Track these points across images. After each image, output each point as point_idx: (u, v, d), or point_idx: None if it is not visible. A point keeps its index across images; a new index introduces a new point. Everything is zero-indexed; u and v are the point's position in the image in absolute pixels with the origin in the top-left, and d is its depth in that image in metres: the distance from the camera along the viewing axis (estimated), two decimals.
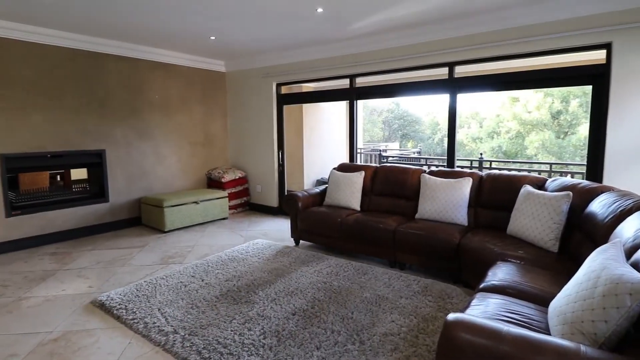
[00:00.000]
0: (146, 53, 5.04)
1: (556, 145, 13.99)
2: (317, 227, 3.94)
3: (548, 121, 14.61)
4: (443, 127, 22.81)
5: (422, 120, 24.84)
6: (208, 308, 2.64)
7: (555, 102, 14.17)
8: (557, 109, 14.25)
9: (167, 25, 3.98)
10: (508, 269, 2.39)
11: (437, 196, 3.51)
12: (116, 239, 4.54)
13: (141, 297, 2.81)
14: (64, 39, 4.25)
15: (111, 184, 4.86)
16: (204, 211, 5.19)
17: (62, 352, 2.18)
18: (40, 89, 4.16)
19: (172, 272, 3.32)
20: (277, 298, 2.78)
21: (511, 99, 15.42)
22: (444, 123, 23.08)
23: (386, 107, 25.41)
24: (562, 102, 14.15)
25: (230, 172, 5.87)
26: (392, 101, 24.63)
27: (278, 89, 5.74)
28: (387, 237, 3.41)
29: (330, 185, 4.30)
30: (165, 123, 5.41)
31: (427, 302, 2.71)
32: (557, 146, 13.97)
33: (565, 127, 14.41)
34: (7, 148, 3.96)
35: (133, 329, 2.41)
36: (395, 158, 8.84)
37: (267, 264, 3.53)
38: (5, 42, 3.88)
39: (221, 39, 4.58)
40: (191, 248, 4.17)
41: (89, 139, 4.62)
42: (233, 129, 6.31)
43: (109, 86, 4.74)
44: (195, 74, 5.73)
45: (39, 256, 3.92)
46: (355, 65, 4.74)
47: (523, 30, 3.58)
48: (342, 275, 3.20)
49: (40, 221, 4.28)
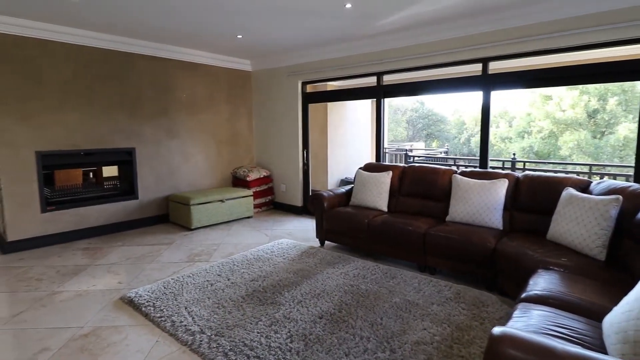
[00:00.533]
0: (175, 53, 5.10)
1: (592, 145, 13.28)
2: (343, 227, 3.86)
3: (584, 120, 13.89)
4: (469, 127, 22.19)
5: (448, 119, 24.27)
6: (234, 308, 2.61)
7: (591, 100, 13.45)
8: (593, 107, 13.52)
9: (195, 24, 4.00)
10: (551, 277, 2.24)
11: (470, 198, 3.35)
12: (145, 235, 4.62)
13: (168, 295, 2.82)
14: (97, 40, 4.36)
15: (140, 182, 4.96)
16: (229, 209, 5.21)
17: (92, 348, 2.21)
18: (74, 89, 4.29)
19: (199, 271, 3.32)
20: (304, 300, 2.72)
21: (543, 97, 14.77)
22: (471, 122, 22.41)
23: (410, 106, 24.98)
24: (599, 100, 13.42)
25: (255, 170, 5.87)
26: (417, 100, 24.21)
27: (303, 88, 5.69)
28: (416, 240, 3.28)
29: (357, 185, 4.21)
30: (192, 122, 5.47)
31: (460, 309, 2.58)
32: (593, 146, 13.26)
33: (602, 126, 13.66)
34: (43, 146, 4.09)
35: (160, 327, 2.41)
36: (422, 158, 8.63)
37: (292, 264, 3.48)
38: (44, 43, 4.01)
39: (248, 37, 4.57)
40: (217, 246, 4.18)
41: (120, 137, 4.72)
42: (258, 128, 6.32)
43: (139, 85, 4.83)
44: (221, 73, 5.76)
45: (72, 251, 4.03)
46: (383, 63, 4.62)
47: (566, 23, 3.36)
48: (370, 279, 3.10)
49: (74, 217, 4.41)
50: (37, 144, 4.05)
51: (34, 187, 4.06)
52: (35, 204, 4.09)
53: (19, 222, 3.99)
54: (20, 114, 3.91)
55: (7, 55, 3.78)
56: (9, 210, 3.91)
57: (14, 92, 3.85)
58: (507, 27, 3.67)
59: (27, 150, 3.98)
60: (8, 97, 3.82)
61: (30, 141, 4.00)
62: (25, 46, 3.88)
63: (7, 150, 3.86)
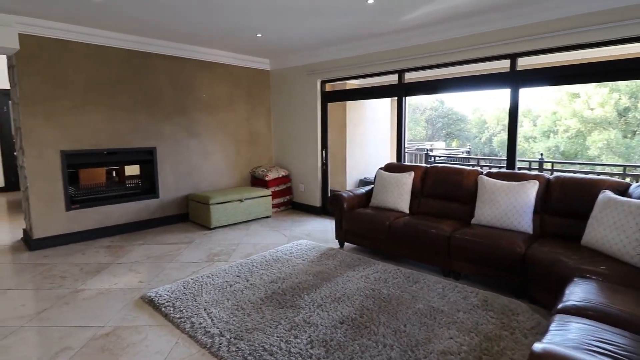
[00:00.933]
0: (194, 52, 5.12)
1: (623, 145, 12.69)
2: (363, 229, 3.78)
3: (614, 119, 13.29)
4: (491, 126, 21.62)
5: (468, 118, 23.73)
6: (253, 311, 2.57)
7: (622, 98, 12.85)
8: (624, 105, 12.91)
9: (215, 23, 3.99)
10: (589, 287, 2.09)
11: (498, 200, 3.20)
12: (165, 234, 4.66)
13: (188, 295, 2.81)
14: (118, 40, 4.41)
15: (161, 181, 5.00)
16: (248, 209, 5.20)
17: (112, 348, 2.20)
18: (97, 89, 4.35)
19: (218, 271, 3.31)
20: (324, 304, 2.65)
21: (570, 95, 14.22)
22: (492, 121, 21.82)
23: (429, 105, 24.55)
24: (630, 97, 12.81)
25: (274, 170, 5.84)
26: (436, 99, 23.80)
27: (322, 87, 5.63)
28: (440, 243, 3.16)
29: (377, 186, 4.11)
30: (212, 121, 5.48)
31: (488, 318, 2.45)
32: (624, 147, 12.67)
33: (634, 125, 13.04)
34: (67, 145, 4.17)
35: (180, 328, 2.39)
36: (443, 158, 8.42)
37: (311, 266, 3.42)
38: (67, 44, 4.08)
39: (267, 36, 4.53)
40: (236, 246, 4.16)
41: (141, 137, 4.78)
42: (277, 127, 6.29)
43: (159, 85, 4.88)
44: (240, 72, 5.76)
45: (95, 249, 4.09)
46: (405, 60, 4.50)
47: (601, 16, 3.17)
48: (392, 283, 3.01)
49: (97, 215, 4.48)
50: (62, 143, 4.13)
51: (59, 185, 4.15)
52: (60, 203, 4.18)
53: (45, 220, 4.07)
54: (45, 114, 3.99)
55: (33, 56, 3.86)
56: (35, 209, 4.00)
57: (39, 92, 3.93)
58: (538, 21, 3.49)
59: (52, 149, 4.07)
60: (34, 97, 3.91)
61: (55, 141, 4.08)
62: (49, 47, 3.96)
63: (33, 149, 3.94)
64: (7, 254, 3.94)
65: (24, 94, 3.84)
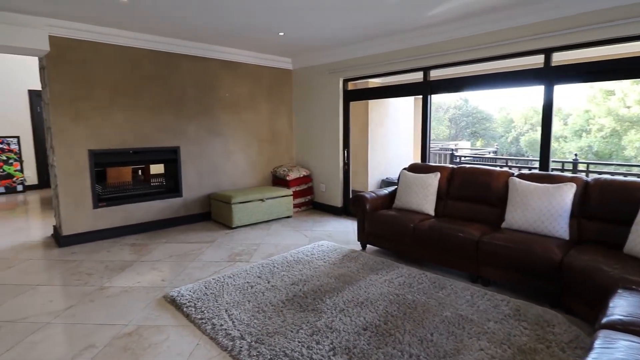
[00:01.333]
0: (217, 52, 5.15)
1: None
2: (387, 231, 3.67)
3: None
4: (518, 125, 20.93)
5: (493, 117, 23.03)
6: (274, 313, 2.52)
7: None
8: None
9: (238, 22, 3.98)
10: (635, 299, 1.92)
11: (530, 204, 3.03)
12: (188, 232, 4.70)
13: (209, 296, 2.79)
14: (144, 41, 4.47)
15: (184, 180, 5.06)
16: (269, 209, 5.18)
17: (134, 348, 2.21)
18: (123, 89, 4.43)
19: (239, 271, 3.29)
20: (346, 309, 2.57)
21: (604, 92, 13.53)
22: (520, 120, 21.10)
23: (453, 104, 23.97)
24: None
25: (295, 170, 5.81)
26: (460, 97, 23.23)
27: (345, 85, 5.54)
28: (469, 248, 3.03)
29: (401, 186, 3.99)
30: (234, 121, 5.50)
31: (521, 329, 2.31)
32: None
33: None
34: (95, 144, 4.27)
35: (201, 330, 2.37)
36: (469, 158, 8.16)
37: (333, 268, 3.35)
38: (96, 45, 4.17)
39: (289, 34, 4.49)
40: (257, 246, 4.14)
41: (166, 136, 4.84)
42: (298, 127, 6.25)
43: (183, 85, 4.92)
44: (262, 72, 5.75)
45: (120, 246, 4.17)
46: (431, 57, 4.36)
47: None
48: (417, 288, 2.90)
49: (123, 213, 4.57)
50: (90, 142, 4.23)
51: (86, 184, 4.25)
52: (87, 200, 4.28)
53: (73, 218, 4.18)
54: (74, 114, 4.09)
55: (63, 58, 3.96)
56: (64, 206, 4.11)
57: (68, 93, 4.03)
58: (575, 13, 3.29)
59: (80, 148, 4.17)
60: (63, 98, 4.01)
61: (83, 140, 4.18)
62: (78, 49, 4.05)
63: (63, 148, 4.05)
64: (38, 249, 4.07)
65: (54, 95, 3.94)
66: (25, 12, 3.56)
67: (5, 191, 7.84)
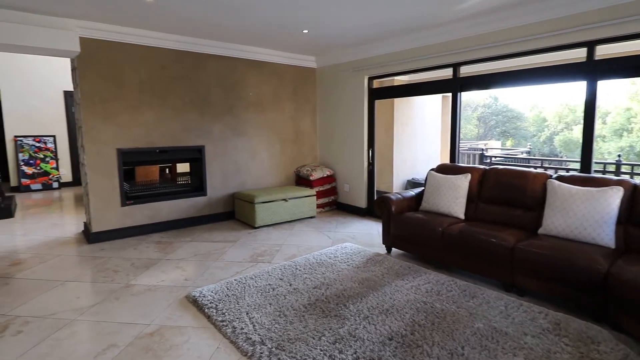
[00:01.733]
0: (242, 52, 5.14)
1: None
2: (413, 235, 3.53)
3: None
4: (552, 124, 20.04)
5: (524, 115, 22.13)
6: (296, 318, 2.45)
7: None
8: None
9: (262, 20, 3.94)
10: None
11: (571, 208, 2.81)
12: (212, 231, 4.72)
13: (231, 297, 2.76)
14: (171, 42, 4.52)
15: (209, 178, 5.08)
16: (292, 209, 5.13)
17: (156, 349, 2.19)
18: (151, 89, 4.49)
19: (261, 272, 3.24)
20: (370, 316, 2.47)
21: None
22: (553, 119, 20.18)
23: (482, 102, 23.20)
24: None
25: (319, 169, 5.73)
26: (490, 95, 22.47)
27: (370, 83, 5.41)
28: (502, 254, 2.84)
29: (428, 188, 3.83)
30: (258, 120, 5.49)
31: (562, 345, 2.13)
32: None
33: None
34: (123, 143, 4.35)
35: (222, 332, 2.33)
36: (500, 159, 7.82)
37: (357, 272, 3.24)
38: (125, 46, 4.24)
39: (314, 31, 4.41)
40: (279, 247, 4.09)
41: (191, 135, 4.87)
42: (322, 126, 6.17)
43: (208, 85, 4.95)
44: (286, 71, 5.71)
45: (146, 244, 4.22)
46: (461, 52, 4.16)
47: None
48: (445, 296, 2.75)
49: (149, 211, 4.64)
50: (118, 141, 4.31)
51: (115, 182, 4.34)
52: (116, 198, 4.37)
53: (102, 215, 4.28)
54: (103, 113, 4.18)
55: (94, 58, 4.05)
56: (93, 203, 4.21)
57: (98, 93, 4.12)
58: (621, 2, 3.02)
59: (109, 147, 4.26)
60: (93, 97, 4.10)
61: (112, 139, 4.27)
62: (107, 49, 4.13)
63: (93, 147, 4.15)
64: (69, 246, 4.19)
65: (84, 95, 4.04)
66: (56, 14, 3.66)
67: (42, 188, 8.21)
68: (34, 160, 8.12)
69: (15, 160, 7.94)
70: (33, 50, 3.77)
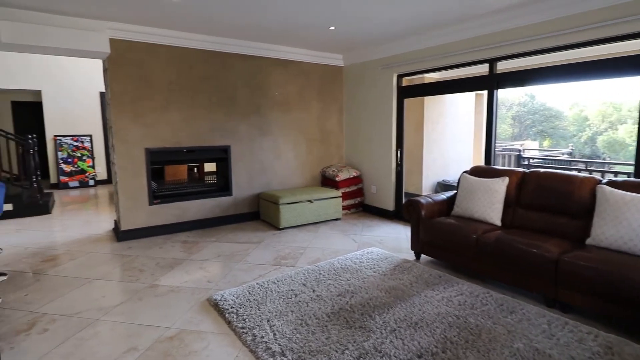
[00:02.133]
0: (268, 51, 5.08)
1: None
2: (444, 241, 3.32)
3: None
4: (594, 123, 18.87)
5: (564, 114, 20.94)
6: (318, 328, 2.33)
7: None
8: None
9: (289, 18, 3.85)
10: None
11: (625, 217, 2.53)
12: (236, 232, 4.69)
13: (252, 302, 2.68)
14: (199, 42, 4.53)
15: (234, 178, 5.07)
16: (318, 210, 5.02)
17: (175, 354, 2.14)
18: (179, 89, 4.52)
19: (284, 277, 3.15)
20: (398, 329, 2.31)
21: None
22: (596, 118, 18.97)
23: (517, 100, 22.17)
24: None
25: (345, 170, 5.59)
26: (526, 93, 21.45)
27: (399, 81, 5.20)
28: (545, 267, 2.60)
29: (461, 192, 3.61)
30: (284, 120, 5.42)
31: None
32: None
33: None
34: (151, 143, 4.40)
35: (241, 340, 2.25)
36: (539, 160, 7.37)
37: (383, 280, 3.08)
38: (153, 47, 4.28)
39: (341, 28, 4.28)
40: (303, 250, 4.00)
41: (217, 135, 4.87)
42: (349, 126, 6.02)
43: (235, 85, 4.93)
44: (313, 69, 5.61)
45: (172, 243, 4.25)
46: (499, 47, 3.89)
47: None
48: (480, 310, 2.54)
49: (176, 210, 4.68)
50: (146, 141, 4.37)
51: (143, 181, 4.39)
52: (143, 197, 4.42)
53: (130, 213, 4.35)
54: (133, 113, 4.24)
55: (123, 59, 4.12)
56: (122, 202, 4.29)
57: (128, 93, 4.19)
58: None
59: (138, 147, 4.32)
60: (124, 98, 4.17)
61: (140, 138, 4.32)
62: (136, 50, 4.18)
63: (122, 146, 4.22)
64: (99, 243, 4.28)
65: (114, 95, 4.11)
66: (88, 16, 3.73)
67: (79, 185, 8.57)
68: (72, 159, 8.48)
69: (54, 159, 8.33)
70: (66, 52, 3.87)
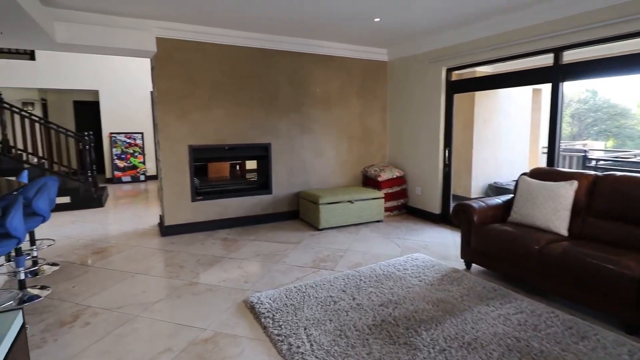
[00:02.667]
0: (310, 46, 4.96)
1: None
2: (500, 251, 3.00)
3: None
4: None
5: (632, 112, 18.97)
6: (358, 341, 2.16)
7: None
8: None
9: (333, 9, 3.69)
10: None
11: None
12: (275, 231, 4.63)
13: (289, 307, 2.56)
14: (243, 39, 4.51)
15: (274, 177, 5.02)
16: (358, 211, 4.83)
17: (208, 358, 2.07)
18: (222, 87, 4.53)
19: (322, 281, 3.01)
20: (448, 349, 2.08)
21: None
22: None
23: (576, 97, 20.42)
24: None
25: (388, 170, 5.34)
26: (587, 88, 19.69)
27: (448, 75, 4.86)
28: (625, 286, 2.23)
29: (520, 196, 3.25)
30: (325, 117, 5.28)
31: None
32: None
33: None
34: (194, 140, 4.44)
35: (277, 348, 2.14)
36: (609, 162, 6.64)
37: (430, 290, 2.84)
38: (198, 45, 4.32)
39: (386, 19, 4.04)
40: (343, 252, 3.83)
41: (259, 133, 4.84)
42: (393, 123, 5.75)
43: (277, 82, 4.86)
44: (355, 65, 5.41)
45: (213, 240, 4.27)
46: (565, 34, 3.47)
47: None
48: (545, 333, 2.23)
49: (217, 207, 4.70)
50: (190, 138, 4.42)
51: (186, 178, 4.46)
52: (187, 194, 4.49)
53: (174, 209, 4.43)
54: (178, 111, 4.30)
55: (170, 58, 4.18)
56: (166, 198, 4.37)
57: (173, 91, 4.25)
58: None
59: (181, 144, 4.38)
60: (170, 96, 4.24)
61: (184, 136, 4.38)
62: (182, 49, 4.24)
63: (167, 143, 4.30)
64: (145, 237, 4.41)
65: (160, 93, 4.19)
66: (135, 16, 3.81)
67: (131, 180, 9.02)
68: (125, 155, 8.95)
69: (109, 155, 8.83)
70: (115, 51, 4.00)
